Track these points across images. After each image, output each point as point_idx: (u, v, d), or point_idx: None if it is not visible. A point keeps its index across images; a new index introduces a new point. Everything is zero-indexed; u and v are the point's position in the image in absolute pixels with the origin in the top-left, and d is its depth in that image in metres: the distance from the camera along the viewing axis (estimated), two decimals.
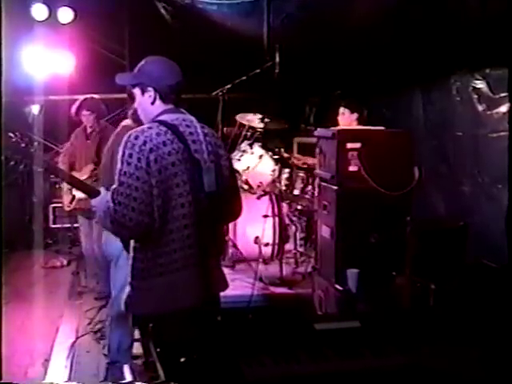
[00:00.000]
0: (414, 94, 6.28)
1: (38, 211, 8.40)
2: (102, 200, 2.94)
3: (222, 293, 3.23)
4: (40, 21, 7.37)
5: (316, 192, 5.37)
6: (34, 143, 3.82)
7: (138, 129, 2.96)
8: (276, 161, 6.15)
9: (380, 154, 4.52)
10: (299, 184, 6.15)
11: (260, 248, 5.66)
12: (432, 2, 4.90)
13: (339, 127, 5.27)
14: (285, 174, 6.20)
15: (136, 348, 4.45)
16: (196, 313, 2.92)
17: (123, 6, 8.12)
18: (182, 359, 2.21)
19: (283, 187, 6.15)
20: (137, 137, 2.89)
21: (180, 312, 2.91)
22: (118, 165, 2.88)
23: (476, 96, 5.20)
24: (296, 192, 6.13)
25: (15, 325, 5.41)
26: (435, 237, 4.44)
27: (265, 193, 6.01)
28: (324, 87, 8.08)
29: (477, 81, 5.18)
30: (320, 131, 4.95)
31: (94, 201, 3.03)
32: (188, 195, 2.92)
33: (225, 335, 2.49)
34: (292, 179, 6.23)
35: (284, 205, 6.04)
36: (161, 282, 2.93)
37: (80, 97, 6.33)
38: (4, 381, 3.49)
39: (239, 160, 6.07)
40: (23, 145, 3.47)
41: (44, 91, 7.78)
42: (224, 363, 2.26)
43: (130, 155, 2.85)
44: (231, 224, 5.65)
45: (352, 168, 4.50)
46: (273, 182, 6.12)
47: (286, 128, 6.74)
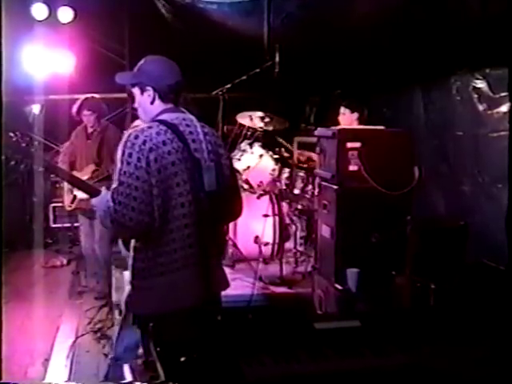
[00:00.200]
0: (415, 94, 6.28)
1: (39, 211, 8.39)
2: (103, 199, 2.94)
3: (222, 292, 3.23)
4: (40, 20, 7.37)
5: (316, 191, 5.36)
6: (35, 143, 3.81)
7: (138, 128, 2.96)
8: (276, 160, 6.15)
9: (380, 154, 4.52)
10: (299, 183, 6.14)
11: (260, 247, 5.66)
12: (432, 2, 4.90)
13: (339, 126, 5.27)
14: (285, 174, 6.19)
15: None
16: (196, 312, 2.93)
17: (123, 6, 8.12)
18: (182, 359, 2.21)
19: (283, 186, 6.13)
20: (136, 136, 2.89)
21: (180, 311, 2.91)
22: (118, 164, 2.88)
23: (476, 95, 5.20)
24: (296, 191, 6.12)
25: (15, 324, 5.40)
26: (435, 236, 4.43)
27: (265, 192, 6.00)
28: (324, 87, 8.08)
29: (477, 80, 5.18)
30: (320, 131, 4.94)
31: (95, 200, 3.04)
32: (188, 194, 2.92)
33: (225, 335, 2.49)
34: (292, 178, 6.22)
35: (284, 204, 6.03)
36: (161, 282, 2.93)
37: (80, 96, 6.32)
38: (4, 380, 3.49)
39: (239, 159, 6.07)
40: (24, 144, 3.47)
41: (44, 91, 7.78)
42: (224, 363, 2.26)
43: (130, 155, 2.85)
44: (231, 223, 5.64)
45: (352, 167, 4.50)
46: (273, 182, 6.11)
47: (287, 127, 6.74)
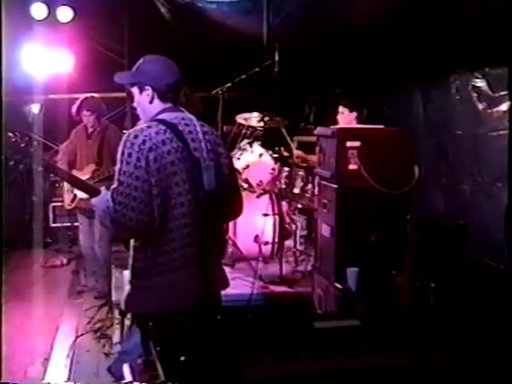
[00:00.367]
0: (414, 93, 6.28)
1: (38, 210, 8.40)
2: (102, 199, 2.94)
3: (222, 292, 3.23)
4: (39, 20, 7.38)
5: (316, 190, 5.36)
6: (34, 142, 3.81)
7: (137, 128, 2.96)
8: (276, 159, 6.15)
9: (380, 153, 4.52)
10: (299, 182, 6.15)
11: (260, 247, 5.66)
12: (431, 1, 4.90)
13: (339, 126, 5.27)
14: (285, 173, 6.19)
15: None
16: (196, 312, 2.92)
17: (123, 5, 8.12)
18: (182, 358, 2.21)
19: (283, 186, 6.14)
20: (136, 136, 2.88)
21: (180, 311, 2.91)
22: (118, 164, 2.88)
23: (476, 94, 5.20)
24: (296, 190, 6.12)
25: (15, 324, 5.40)
26: (435, 235, 4.43)
27: (265, 191, 6.00)
28: (323, 86, 8.08)
29: (476, 79, 5.18)
30: (320, 130, 4.94)
31: (94, 200, 3.04)
32: (188, 194, 2.92)
33: (224, 334, 2.49)
34: (292, 178, 6.22)
35: (284, 203, 6.02)
36: (161, 281, 2.93)
37: (80, 96, 6.31)
38: (4, 380, 3.49)
39: (239, 158, 6.07)
40: (23, 144, 3.47)
41: (43, 90, 7.78)
42: (224, 362, 2.26)
43: (130, 154, 2.84)
44: (231, 222, 5.64)
45: (352, 166, 4.50)
46: (273, 181, 6.11)
47: (286, 126, 6.74)
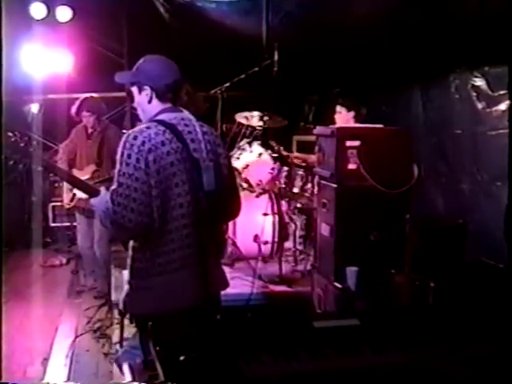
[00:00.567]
0: (413, 92, 6.28)
1: (38, 210, 8.40)
2: (102, 200, 2.94)
3: (222, 291, 3.23)
4: (38, 19, 7.37)
5: (315, 190, 5.36)
6: (33, 142, 3.80)
7: (136, 129, 2.95)
8: (275, 159, 6.15)
9: (379, 152, 4.52)
10: (298, 182, 6.13)
11: (259, 246, 5.66)
12: (431, 0, 4.90)
13: (338, 125, 5.27)
14: (284, 172, 6.19)
15: None
16: (195, 312, 2.91)
17: (122, 5, 8.11)
18: (182, 358, 2.21)
19: (282, 185, 6.13)
20: (135, 137, 2.88)
21: (179, 311, 2.90)
22: (117, 165, 2.88)
23: (475, 94, 5.20)
24: (295, 190, 6.11)
25: (14, 324, 5.41)
26: (434, 235, 4.44)
27: (264, 191, 6.00)
28: (323, 85, 8.08)
29: (476, 78, 5.17)
30: (319, 129, 4.94)
31: (94, 200, 3.04)
32: (187, 195, 2.91)
33: (224, 334, 2.49)
34: (291, 177, 6.21)
35: (283, 203, 6.02)
36: (160, 282, 2.93)
37: (79, 95, 6.31)
38: (4, 380, 3.49)
39: (238, 158, 6.08)
40: (22, 144, 3.47)
41: (43, 90, 7.78)
42: (223, 362, 2.26)
43: (129, 156, 2.84)
44: (230, 222, 5.64)
45: (351, 166, 4.49)
46: (272, 180, 6.10)
47: (286, 126, 6.74)
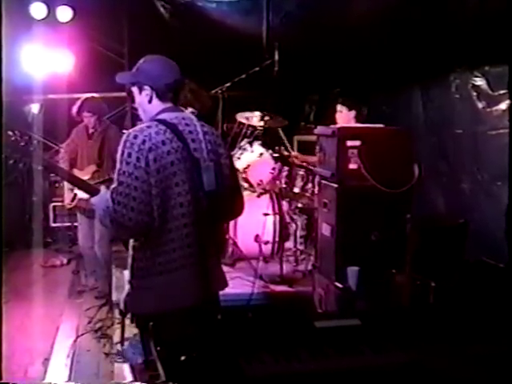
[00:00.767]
0: (414, 92, 6.28)
1: (38, 210, 8.39)
2: (102, 199, 2.94)
3: (222, 291, 3.22)
4: (39, 19, 7.37)
5: (316, 190, 5.36)
6: (34, 142, 3.81)
7: (137, 128, 2.95)
8: (276, 159, 6.15)
9: (380, 152, 4.52)
10: (299, 182, 6.12)
11: (260, 246, 5.65)
12: (431, 0, 4.90)
13: (339, 125, 5.27)
14: (285, 172, 6.18)
15: None
16: (196, 312, 2.92)
17: (122, 5, 8.11)
18: (182, 358, 2.21)
19: (283, 185, 6.12)
20: (136, 136, 2.88)
21: (179, 311, 2.90)
22: (117, 164, 2.88)
23: (475, 93, 5.20)
24: (296, 190, 6.10)
25: (15, 324, 5.39)
26: (435, 234, 4.44)
27: (265, 191, 6.00)
28: (323, 85, 8.08)
29: (476, 78, 5.18)
30: (320, 129, 4.94)
31: (94, 199, 3.04)
32: (187, 194, 2.91)
33: (225, 333, 2.49)
34: (292, 177, 6.20)
35: (284, 203, 6.01)
36: (160, 281, 2.93)
37: (80, 95, 6.31)
38: (4, 380, 3.48)
39: (239, 158, 6.07)
40: (22, 143, 3.47)
41: (43, 90, 7.78)
42: (224, 361, 2.26)
43: (129, 154, 2.84)
44: (231, 222, 5.64)
45: (352, 166, 4.49)
46: (273, 180, 6.10)
47: (286, 126, 6.74)
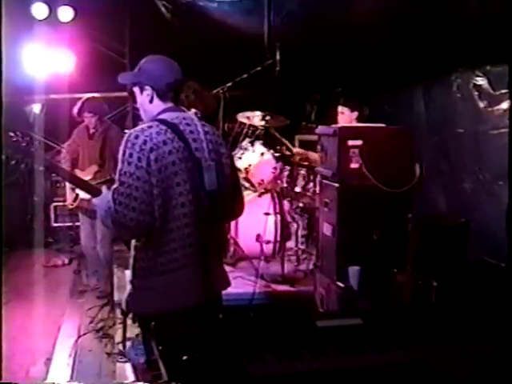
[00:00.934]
0: (415, 91, 6.28)
1: (40, 210, 8.39)
2: (104, 199, 2.94)
3: (224, 291, 3.23)
4: (40, 19, 7.37)
5: (317, 189, 5.35)
6: (35, 142, 3.81)
7: (138, 128, 2.95)
8: (277, 158, 6.15)
9: (381, 151, 4.51)
10: (301, 181, 6.13)
11: (261, 246, 5.65)
12: (433, 0, 4.90)
13: (340, 124, 5.26)
14: (286, 172, 6.18)
15: None
16: (197, 311, 2.92)
17: (124, 5, 8.11)
18: (185, 357, 2.21)
19: (285, 185, 6.13)
20: (137, 136, 2.88)
21: (181, 311, 2.91)
22: (119, 165, 2.88)
23: (477, 93, 5.20)
24: (297, 189, 6.10)
25: (17, 324, 5.40)
26: (437, 234, 4.44)
27: (266, 190, 6.00)
28: (325, 84, 8.08)
29: (478, 77, 5.17)
30: (321, 129, 4.94)
31: (96, 200, 3.04)
32: (188, 194, 2.91)
33: (227, 333, 2.49)
34: (293, 176, 6.21)
35: (285, 202, 6.01)
36: (162, 281, 2.93)
37: (81, 95, 6.31)
38: (5, 380, 3.49)
39: (240, 158, 6.07)
40: (24, 144, 3.47)
41: (45, 90, 7.78)
42: (226, 361, 2.26)
43: (131, 155, 2.84)
44: (232, 222, 5.64)
45: (353, 165, 4.49)
46: (274, 180, 6.10)
47: (288, 125, 6.74)
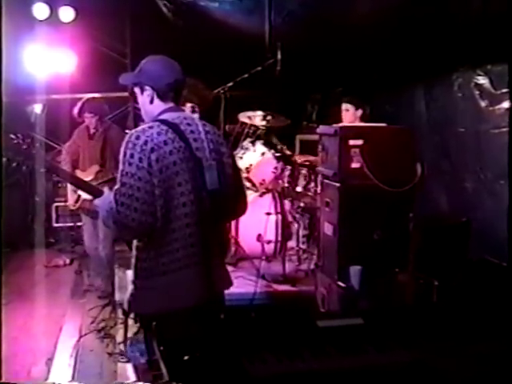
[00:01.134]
0: (417, 91, 6.28)
1: (41, 210, 8.39)
2: (105, 200, 2.94)
3: (225, 291, 3.23)
4: (41, 20, 7.37)
5: (318, 189, 5.36)
6: (37, 144, 3.81)
7: (139, 128, 2.95)
8: (278, 158, 6.14)
9: (382, 151, 4.51)
10: (302, 181, 6.12)
11: (263, 245, 5.65)
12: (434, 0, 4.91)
13: (341, 124, 5.27)
14: (287, 171, 6.18)
15: None
16: (199, 311, 2.92)
17: (125, 5, 8.10)
18: (186, 358, 2.21)
19: (286, 184, 6.12)
20: (138, 137, 2.88)
21: (183, 311, 2.90)
22: (120, 165, 2.88)
23: (478, 92, 5.20)
24: (298, 189, 6.10)
25: (18, 324, 5.41)
26: (438, 233, 4.44)
27: (267, 190, 6.00)
28: (326, 84, 8.08)
29: (479, 77, 5.17)
30: (322, 128, 4.94)
31: (97, 201, 3.04)
32: (190, 194, 2.91)
33: (228, 333, 2.49)
34: (294, 176, 6.20)
35: (286, 202, 6.01)
36: (164, 281, 2.93)
37: (82, 96, 6.31)
38: (7, 380, 3.49)
39: (241, 158, 6.07)
40: (25, 146, 3.47)
41: (46, 90, 7.78)
42: (227, 361, 2.26)
43: (132, 155, 2.84)
44: (233, 222, 5.64)
45: (354, 165, 4.49)
46: (275, 180, 6.10)
47: (289, 125, 6.74)
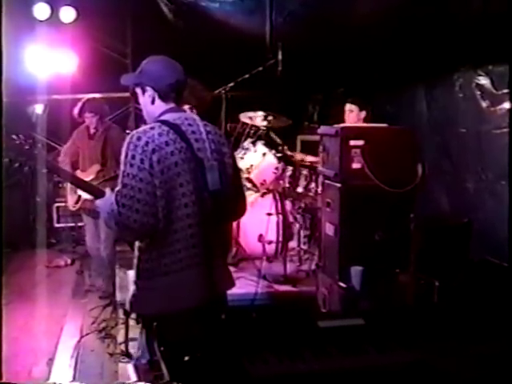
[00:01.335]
0: (418, 91, 6.28)
1: (42, 211, 8.40)
2: (107, 201, 2.93)
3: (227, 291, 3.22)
4: (42, 20, 7.37)
5: (320, 189, 5.36)
6: (38, 144, 3.81)
7: (140, 129, 2.95)
8: (279, 158, 6.15)
9: (383, 152, 4.52)
10: (303, 181, 6.12)
11: (264, 246, 5.65)
12: (435, 0, 4.90)
13: (342, 124, 5.27)
14: (288, 172, 6.18)
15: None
16: (200, 312, 2.92)
17: (126, 5, 8.11)
18: (187, 358, 2.21)
19: (287, 185, 6.13)
20: (139, 138, 2.87)
21: (184, 311, 2.90)
22: (121, 166, 2.87)
23: (479, 92, 5.20)
24: (299, 190, 6.10)
25: (19, 324, 5.41)
26: (439, 234, 4.44)
27: (268, 191, 6.00)
28: (327, 85, 8.08)
29: (480, 77, 5.18)
30: (323, 129, 4.95)
31: (99, 201, 3.03)
32: (192, 195, 2.91)
33: (229, 333, 2.49)
34: (295, 177, 6.20)
35: (287, 202, 6.01)
36: (165, 282, 2.93)
37: (83, 96, 6.31)
38: (8, 381, 3.49)
39: (242, 158, 6.07)
40: (27, 147, 3.46)
41: (47, 91, 7.79)
42: (228, 361, 2.26)
43: (133, 156, 2.83)
44: (235, 222, 5.63)
45: (355, 165, 4.50)
46: (276, 180, 6.10)
47: (290, 125, 6.74)
